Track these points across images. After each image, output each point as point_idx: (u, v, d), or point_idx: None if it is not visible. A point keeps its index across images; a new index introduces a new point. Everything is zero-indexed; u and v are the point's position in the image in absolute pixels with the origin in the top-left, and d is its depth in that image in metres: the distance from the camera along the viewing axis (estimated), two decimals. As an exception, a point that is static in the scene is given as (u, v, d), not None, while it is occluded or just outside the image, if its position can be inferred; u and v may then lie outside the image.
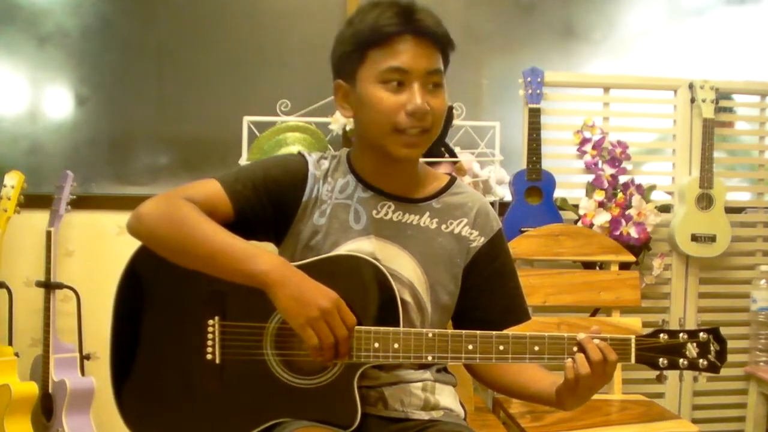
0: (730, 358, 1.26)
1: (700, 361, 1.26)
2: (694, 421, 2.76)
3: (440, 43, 1.31)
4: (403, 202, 1.39)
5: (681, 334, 1.26)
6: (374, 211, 1.38)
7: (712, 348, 1.26)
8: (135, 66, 2.86)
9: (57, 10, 2.81)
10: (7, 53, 2.80)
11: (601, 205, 2.71)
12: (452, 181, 1.46)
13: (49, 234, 2.50)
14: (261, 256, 1.21)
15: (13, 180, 2.53)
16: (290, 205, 1.37)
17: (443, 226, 1.40)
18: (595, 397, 2.41)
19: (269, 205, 1.35)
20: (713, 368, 1.27)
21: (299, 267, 1.28)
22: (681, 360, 1.26)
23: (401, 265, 1.35)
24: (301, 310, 1.19)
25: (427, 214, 1.40)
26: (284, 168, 1.39)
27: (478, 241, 1.42)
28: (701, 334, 1.26)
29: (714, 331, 1.26)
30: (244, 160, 2.53)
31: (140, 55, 2.87)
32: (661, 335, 1.26)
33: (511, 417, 2.20)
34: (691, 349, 1.26)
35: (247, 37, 2.92)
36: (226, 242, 1.23)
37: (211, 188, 1.33)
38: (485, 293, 1.42)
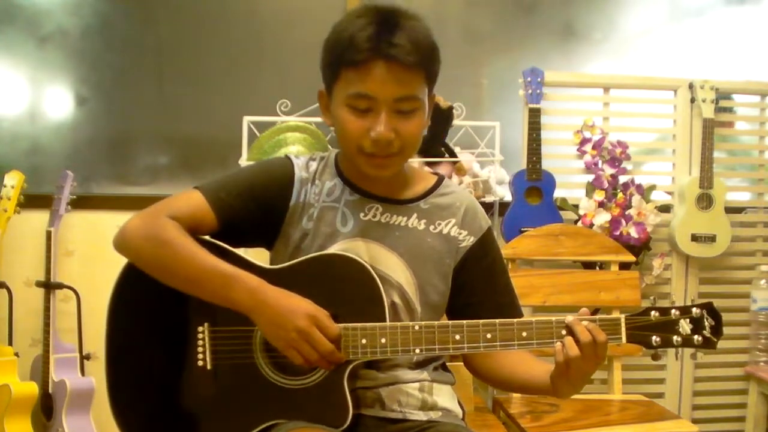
0: (730, 358, 1.24)
1: (695, 337, 1.21)
2: (694, 421, 2.76)
3: (418, 66, 1.26)
4: (391, 204, 1.39)
5: (673, 311, 1.22)
6: (362, 214, 1.38)
7: (706, 323, 1.21)
8: (135, 66, 2.87)
9: (57, 10, 2.81)
10: (7, 53, 2.80)
11: (601, 205, 2.71)
12: (440, 181, 1.46)
13: (49, 234, 2.50)
14: (238, 283, 1.23)
15: (13, 180, 2.53)
16: (278, 211, 1.37)
17: (431, 227, 1.40)
18: (595, 397, 2.43)
19: (256, 212, 1.35)
20: (709, 344, 1.22)
21: (288, 267, 1.30)
22: (674, 337, 1.22)
23: (390, 266, 1.35)
24: (279, 333, 1.21)
25: (415, 215, 1.40)
26: (270, 174, 1.39)
27: (467, 240, 1.42)
28: (694, 309, 1.22)
29: (707, 306, 1.22)
30: (244, 160, 2.54)
31: (140, 55, 2.88)
32: (652, 313, 1.23)
33: (511, 417, 2.20)
34: (685, 326, 1.22)
35: (247, 37, 2.92)
36: (205, 268, 1.24)
37: (195, 201, 1.33)
38: (476, 292, 1.42)
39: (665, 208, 2.88)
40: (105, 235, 2.69)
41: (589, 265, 2.65)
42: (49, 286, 2.49)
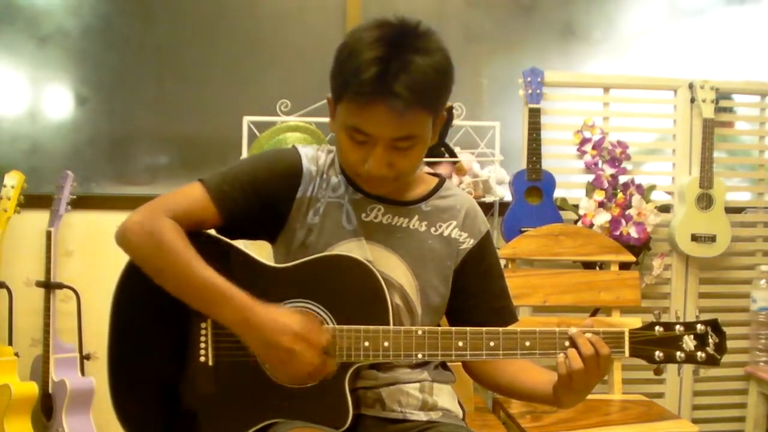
0: (730, 358, 1.24)
1: (699, 353, 1.21)
2: (694, 421, 2.76)
3: (421, 108, 1.22)
4: (393, 205, 1.39)
5: (677, 327, 1.22)
6: (363, 214, 1.37)
7: (710, 340, 1.21)
8: (135, 66, 2.87)
9: (57, 10, 2.81)
10: (7, 53, 2.80)
11: (601, 205, 2.71)
12: (441, 183, 1.46)
13: (49, 234, 2.50)
14: (228, 302, 1.22)
15: (13, 180, 2.53)
16: (283, 204, 1.36)
17: (432, 229, 1.40)
18: (595, 397, 2.42)
19: (258, 205, 1.34)
20: (712, 361, 1.22)
21: (293, 267, 1.30)
22: (678, 353, 1.22)
23: (391, 268, 1.35)
24: (267, 352, 1.22)
25: (416, 217, 1.40)
26: (275, 167, 1.37)
27: (467, 243, 1.41)
28: (699, 325, 1.22)
29: (712, 323, 1.23)
30: (244, 160, 2.53)
31: (140, 55, 2.88)
32: (657, 328, 1.22)
33: (511, 417, 2.20)
34: (689, 342, 1.22)
35: (247, 37, 2.92)
36: (198, 280, 1.24)
37: (196, 197, 1.32)
38: (473, 295, 1.42)
39: (665, 208, 2.88)
40: (105, 235, 2.67)
41: (589, 265, 2.65)
42: (49, 286, 2.49)
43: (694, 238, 2.80)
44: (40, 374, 2.47)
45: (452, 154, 2.60)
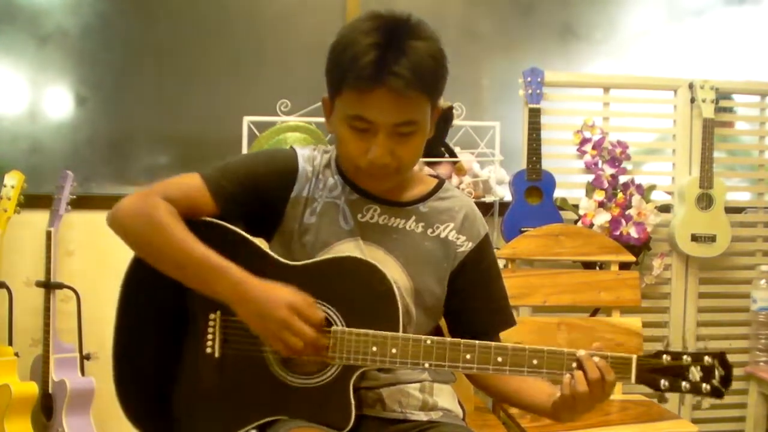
0: (731, 358, 1.23)
1: (704, 385, 1.22)
2: (694, 421, 2.76)
3: (420, 92, 1.24)
4: (390, 206, 1.39)
5: (685, 357, 1.22)
6: (359, 215, 1.37)
7: (716, 373, 1.22)
8: (135, 66, 2.86)
9: (57, 10, 2.81)
10: (7, 53, 2.80)
11: (601, 205, 2.71)
12: (440, 184, 1.45)
13: (49, 234, 2.50)
14: (223, 275, 1.22)
15: (13, 180, 2.53)
16: (278, 203, 1.37)
17: (429, 231, 1.40)
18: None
19: (255, 202, 1.34)
20: (717, 393, 1.22)
21: (302, 266, 1.29)
22: (683, 383, 1.22)
23: (387, 268, 1.33)
24: (261, 324, 1.21)
25: (413, 218, 1.39)
26: (272, 165, 1.38)
27: (465, 246, 1.41)
28: (706, 357, 1.22)
29: (720, 356, 1.23)
30: (244, 160, 2.53)
31: (140, 55, 2.87)
32: (664, 356, 1.22)
33: (511, 417, 2.20)
34: (695, 373, 1.22)
35: (247, 37, 2.92)
36: (193, 256, 1.24)
37: (193, 185, 1.33)
38: (471, 298, 1.42)
39: (665, 208, 2.88)
40: (105, 235, 2.63)
41: (589, 265, 2.65)
42: (49, 286, 2.49)
43: (694, 238, 2.80)
44: (40, 374, 2.47)
45: (452, 154, 2.60)
